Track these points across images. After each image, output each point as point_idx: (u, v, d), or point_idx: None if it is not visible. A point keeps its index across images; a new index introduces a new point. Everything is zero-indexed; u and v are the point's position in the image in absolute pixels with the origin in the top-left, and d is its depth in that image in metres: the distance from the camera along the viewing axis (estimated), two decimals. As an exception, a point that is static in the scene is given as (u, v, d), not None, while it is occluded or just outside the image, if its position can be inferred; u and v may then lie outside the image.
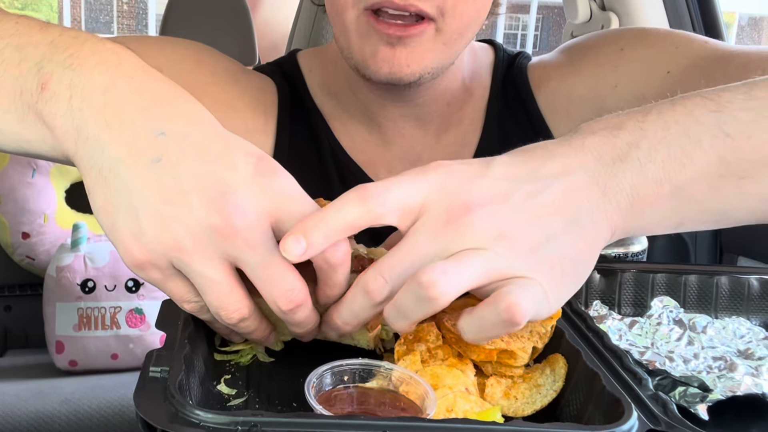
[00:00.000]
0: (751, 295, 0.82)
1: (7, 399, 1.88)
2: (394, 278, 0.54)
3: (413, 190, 0.54)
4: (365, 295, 0.55)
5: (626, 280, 0.82)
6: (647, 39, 0.97)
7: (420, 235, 0.53)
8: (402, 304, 0.53)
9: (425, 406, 0.55)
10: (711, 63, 0.88)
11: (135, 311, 2.20)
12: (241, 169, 0.54)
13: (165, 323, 0.62)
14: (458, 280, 0.52)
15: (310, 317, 0.59)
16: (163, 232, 0.53)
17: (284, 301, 0.55)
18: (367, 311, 0.56)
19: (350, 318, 0.58)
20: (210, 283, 0.55)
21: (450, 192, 0.53)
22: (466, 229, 0.52)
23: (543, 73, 1.03)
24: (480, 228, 0.52)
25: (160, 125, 0.55)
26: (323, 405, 0.53)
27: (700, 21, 1.85)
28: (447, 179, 0.54)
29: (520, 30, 21.71)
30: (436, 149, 1.00)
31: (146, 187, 0.53)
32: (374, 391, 0.58)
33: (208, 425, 0.48)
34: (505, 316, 0.51)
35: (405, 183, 0.54)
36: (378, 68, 0.83)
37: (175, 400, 0.49)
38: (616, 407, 0.53)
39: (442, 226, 0.52)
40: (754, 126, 0.58)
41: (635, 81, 0.94)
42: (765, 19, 20.72)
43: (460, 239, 0.52)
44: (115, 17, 21.03)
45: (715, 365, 0.68)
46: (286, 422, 0.48)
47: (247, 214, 0.53)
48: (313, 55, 1.06)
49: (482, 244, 0.52)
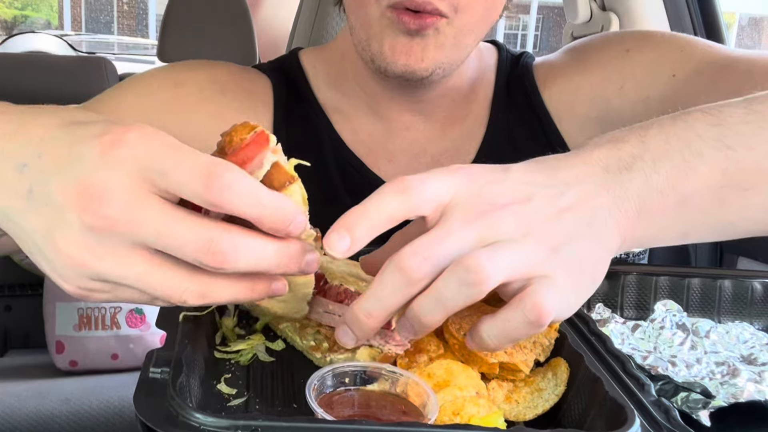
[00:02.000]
0: (754, 299, 0.82)
1: (7, 399, 1.88)
2: (432, 258, 0.51)
3: (445, 184, 0.54)
4: (399, 272, 0.51)
5: (629, 283, 0.82)
6: (652, 41, 0.98)
7: (454, 222, 0.53)
8: (442, 291, 0.52)
9: (427, 411, 0.54)
10: (716, 68, 0.89)
11: (135, 311, 2.20)
12: (86, 157, 0.49)
13: (165, 322, 0.62)
14: (501, 267, 0.51)
15: (255, 265, 0.50)
16: (63, 257, 0.49)
17: (208, 256, 0.48)
18: (397, 295, 0.53)
19: (376, 306, 0.54)
20: (137, 280, 0.50)
21: (475, 191, 0.54)
22: (498, 222, 0.52)
23: (549, 72, 1.04)
24: (509, 223, 0.52)
25: (20, 159, 0.51)
26: (324, 408, 0.53)
27: (700, 21, 1.84)
28: (471, 180, 0.54)
29: (520, 30, 21.72)
30: (441, 142, 1.01)
31: (34, 222, 0.50)
32: (376, 394, 0.58)
33: (208, 429, 0.48)
34: (531, 316, 0.51)
35: (438, 177, 0.54)
36: (395, 60, 0.86)
37: (176, 402, 0.49)
38: (618, 413, 0.52)
39: (475, 217, 0.53)
40: (755, 138, 0.59)
41: (641, 82, 0.95)
42: (765, 19, 20.71)
43: (493, 230, 0.52)
44: (115, 17, 21.02)
45: (717, 371, 0.68)
46: (286, 427, 0.48)
47: (113, 198, 0.48)
48: (318, 52, 1.08)
49: (514, 238, 0.52)
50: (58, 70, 3.05)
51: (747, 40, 20.14)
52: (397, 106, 0.99)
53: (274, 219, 0.49)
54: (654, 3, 1.81)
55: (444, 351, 0.62)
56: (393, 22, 0.85)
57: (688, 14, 1.85)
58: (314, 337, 0.69)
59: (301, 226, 0.50)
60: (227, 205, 0.48)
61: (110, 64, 3.22)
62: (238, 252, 0.49)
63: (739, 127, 0.59)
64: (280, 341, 0.70)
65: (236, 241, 0.48)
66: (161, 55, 2.69)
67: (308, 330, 0.70)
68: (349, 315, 0.55)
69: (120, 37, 15.07)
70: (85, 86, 2.91)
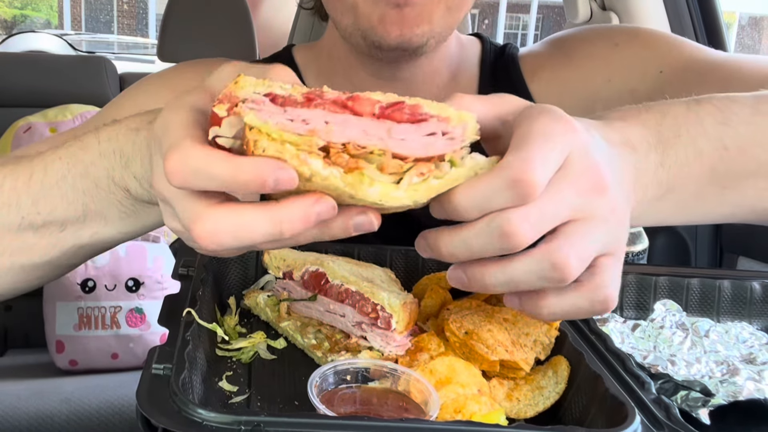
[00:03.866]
0: (753, 299, 0.82)
1: (7, 399, 1.88)
2: (540, 224, 0.50)
3: (565, 148, 0.52)
4: (502, 235, 0.50)
5: (629, 282, 0.82)
6: (641, 38, 0.99)
7: (566, 189, 0.51)
8: (521, 276, 0.51)
9: (428, 408, 0.55)
10: (703, 68, 0.90)
11: (135, 311, 2.20)
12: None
13: (167, 319, 0.62)
14: (582, 263, 0.51)
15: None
16: None
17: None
18: (489, 250, 0.51)
19: (461, 251, 0.52)
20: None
21: (589, 159, 0.52)
22: (599, 204, 0.52)
23: (536, 64, 1.04)
24: (602, 205, 0.52)
25: None
26: (326, 404, 0.53)
27: (701, 21, 1.84)
28: (584, 145, 0.53)
29: (520, 30, 21.71)
30: None
31: None
32: (377, 391, 0.58)
33: (211, 424, 0.48)
34: (599, 307, 0.53)
35: (552, 143, 0.52)
36: (388, 32, 0.84)
37: (178, 398, 0.49)
38: (619, 411, 0.53)
39: (586, 191, 0.52)
40: (751, 140, 0.62)
41: (628, 76, 0.96)
42: (765, 19, 20.72)
43: (592, 208, 0.52)
44: (115, 17, 21.01)
45: (717, 369, 0.68)
46: (289, 422, 0.48)
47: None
48: (309, 50, 1.08)
49: (600, 221, 0.52)
50: (58, 70, 3.05)
51: (747, 40, 20.14)
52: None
53: (249, 187, 0.47)
54: (654, 3, 1.82)
55: (445, 349, 0.63)
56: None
57: (688, 14, 1.85)
58: (315, 335, 0.69)
59: (286, 180, 0.46)
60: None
61: (110, 63, 3.22)
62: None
63: (740, 128, 0.62)
64: (281, 339, 0.70)
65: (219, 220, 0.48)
66: (161, 54, 2.69)
67: (309, 329, 0.70)
68: (432, 240, 0.54)
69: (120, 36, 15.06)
70: (85, 85, 2.91)
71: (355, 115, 0.49)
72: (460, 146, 0.50)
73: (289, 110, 0.48)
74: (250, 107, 0.47)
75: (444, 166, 0.50)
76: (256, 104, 0.47)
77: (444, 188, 0.50)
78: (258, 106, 0.47)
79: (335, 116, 0.48)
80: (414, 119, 0.49)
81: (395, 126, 0.49)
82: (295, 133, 0.47)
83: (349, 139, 0.48)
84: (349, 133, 0.48)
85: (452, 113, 0.50)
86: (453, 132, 0.50)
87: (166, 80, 1.02)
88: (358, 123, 0.48)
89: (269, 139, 0.46)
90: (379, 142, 0.48)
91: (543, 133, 0.51)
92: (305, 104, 0.48)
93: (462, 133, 0.50)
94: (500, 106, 0.56)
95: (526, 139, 0.51)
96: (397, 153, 0.48)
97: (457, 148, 0.50)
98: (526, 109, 0.55)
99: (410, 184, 0.49)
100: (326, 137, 0.47)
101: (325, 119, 0.48)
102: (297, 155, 0.46)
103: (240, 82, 0.48)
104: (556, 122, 0.52)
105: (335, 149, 0.47)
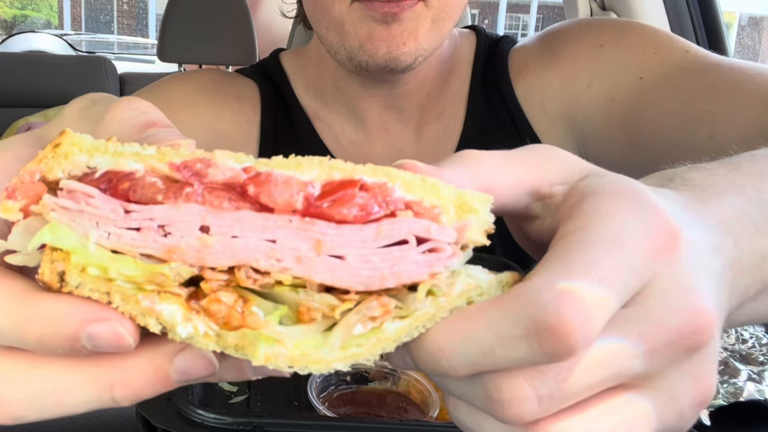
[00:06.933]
0: (753, 297, 0.82)
1: (6, 398, 1.88)
2: (554, 401, 0.32)
3: (647, 272, 0.33)
4: (494, 405, 0.32)
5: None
6: (628, 38, 0.96)
7: (627, 345, 0.33)
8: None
9: (429, 408, 0.54)
10: (683, 74, 0.87)
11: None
12: None
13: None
14: None
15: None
16: None
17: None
18: (473, 402, 0.34)
19: (459, 353, 0.32)
20: None
21: (682, 288, 0.34)
22: (691, 355, 0.37)
23: (523, 63, 1.03)
24: (702, 359, 0.38)
25: None
26: (326, 405, 0.53)
27: (701, 21, 1.84)
28: (683, 265, 0.34)
29: (521, 30, 21.72)
30: (417, 144, 1.01)
31: None
32: (377, 391, 0.58)
33: (210, 425, 0.48)
34: None
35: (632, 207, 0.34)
36: (375, 50, 0.83)
37: (178, 398, 0.49)
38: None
39: (664, 343, 0.34)
40: None
41: (608, 82, 0.95)
42: (765, 19, 20.72)
43: (675, 371, 0.36)
44: (115, 17, 21.03)
45: (717, 370, 0.68)
46: (289, 423, 0.48)
47: None
48: (296, 56, 1.07)
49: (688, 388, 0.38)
50: (58, 70, 3.06)
51: (747, 39, 20.15)
52: (374, 103, 0.97)
53: (45, 344, 0.30)
54: (654, 2, 1.81)
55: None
56: (364, 14, 0.82)
57: (688, 14, 1.85)
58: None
59: (109, 338, 0.30)
60: None
61: (110, 63, 3.23)
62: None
63: None
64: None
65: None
66: (161, 54, 2.69)
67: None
68: (416, 344, 0.33)
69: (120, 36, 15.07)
70: (85, 85, 2.92)
71: (260, 211, 0.30)
72: (446, 266, 0.31)
73: (134, 210, 0.29)
74: (59, 205, 0.29)
75: (412, 299, 0.31)
76: (72, 200, 0.29)
77: (411, 334, 0.31)
78: (74, 203, 0.29)
79: (221, 216, 0.29)
80: (367, 217, 0.30)
81: (330, 231, 0.30)
82: (138, 254, 0.29)
83: (240, 260, 0.29)
84: (241, 249, 0.29)
85: (445, 198, 0.31)
86: (440, 237, 0.31)
87: (155, 95, 0.99)
88: (261, 227, 0.29)
89: (83, 273, 0.29)
90: (297, 266, 0.30)
91: (615, 238, 0.31)
92: (170, 193, 0.29)
93: (457, 238, 0.32)
94: (538, 171, 0.37)
95: (580, 244, 0.32)
96: (330, 283, 0.30)
97: (440, 269, 0.31)
98: (591, 181, 0.35)
99: (350, 338, 0.30)
100: (197, 259, 0.29)
101: (201, 222, 0.29)
102: (134, 297, 0.29)
103: (63, 146, 0.30)
104: (642, 220, 0.32)
105: (214, 280, 0.29)
